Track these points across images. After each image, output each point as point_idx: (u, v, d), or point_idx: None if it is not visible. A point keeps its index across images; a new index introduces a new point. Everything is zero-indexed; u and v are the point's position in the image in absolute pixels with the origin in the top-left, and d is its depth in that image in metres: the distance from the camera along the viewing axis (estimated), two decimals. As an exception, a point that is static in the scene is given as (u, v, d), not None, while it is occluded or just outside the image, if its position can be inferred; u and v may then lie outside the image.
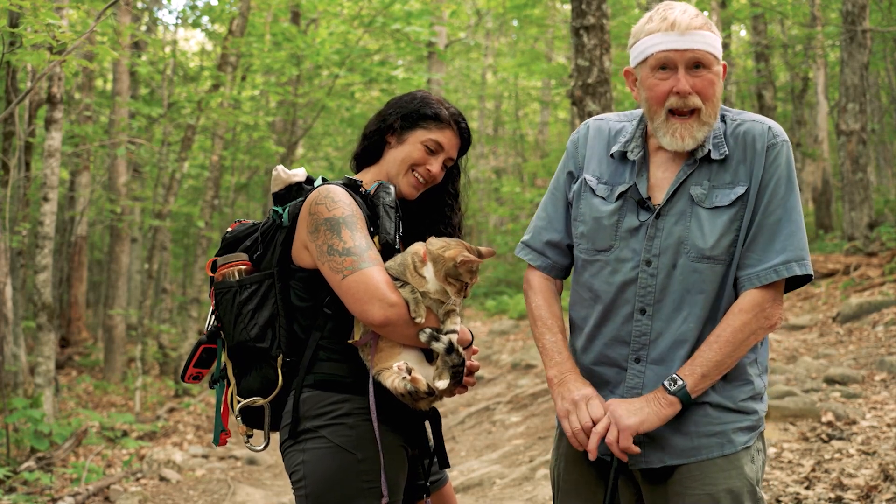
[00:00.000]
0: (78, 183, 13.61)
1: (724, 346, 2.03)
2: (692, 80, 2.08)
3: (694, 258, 2.08)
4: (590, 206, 2.22)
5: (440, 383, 2.14)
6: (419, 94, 2.45)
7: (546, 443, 6.48)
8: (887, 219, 12.42)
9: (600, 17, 6.57)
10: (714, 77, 2.09)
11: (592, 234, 2.20)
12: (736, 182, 2.09)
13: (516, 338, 12.82)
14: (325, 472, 2.17)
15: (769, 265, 2.05)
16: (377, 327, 2.15)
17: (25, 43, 5.10)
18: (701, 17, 2.10)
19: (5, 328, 8.32)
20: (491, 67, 23.91)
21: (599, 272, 2.19)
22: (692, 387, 2.02)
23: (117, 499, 6.00)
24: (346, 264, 2.13)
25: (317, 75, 13.91)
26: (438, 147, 2.38)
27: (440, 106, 2.41)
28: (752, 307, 2.04)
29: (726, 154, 2.11)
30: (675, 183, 2.12)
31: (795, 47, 16.40)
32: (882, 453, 4.65)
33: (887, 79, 16.96)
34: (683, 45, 2.07)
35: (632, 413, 2.03)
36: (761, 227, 2.07)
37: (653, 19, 2.12)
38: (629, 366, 2.13)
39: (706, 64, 2.09)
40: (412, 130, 2.38)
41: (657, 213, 2.12)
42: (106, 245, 17.52)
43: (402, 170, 2.37)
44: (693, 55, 2.08)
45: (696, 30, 2.08)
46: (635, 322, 2.12)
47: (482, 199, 23.82)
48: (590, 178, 2.25)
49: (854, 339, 7.71)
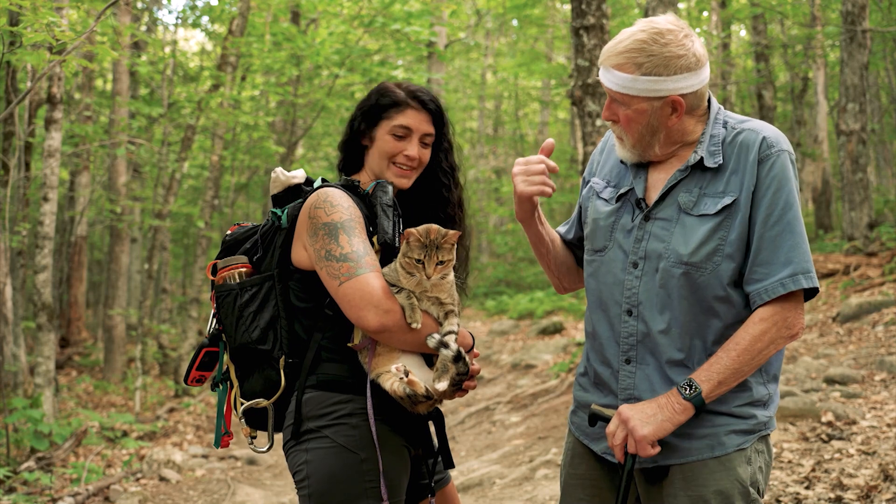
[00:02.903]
0: (78, 183, 13.61)
1: (743, 354, 2.02)
2: (616, 108, 2.11)
3: (673, 263, 2.08)
4: (594, 207, 2.26)
5: (439, 385, 2.14)
6: (376, 88, 2.43)
7: (546, 443, 6.48)
8: (887, 219, 12.43)
9: (600, 17, 6.57)
10: (631, 114, 2.08)
11: (592, 235, 2.25)
12: (726, 192, 2.07)
13: (516, 338, 12.82)
14: (328, 472, 2.17)
15: (776, 279, 2.03)
16: (373, 333, 2.15)
17: (25, 42, 5.09)
18: (628, 51, 2.05)
19: (5, 328, 8.32)
20: (491, 67, 23.92)
21: (596, 272, 2.22)
22: (707, 393, 2.02)
23: (117, 499, 6.01)
24: (343, 270, 2.13)
25: (317, 75, 13.90)
26: (406, 130, 2.36)
27: (395, 90, 2.39)
28: (771, 316, 2.03)
29: (720, 163, 2.09)
30: (664, 188, 2.13)
31: (795, 47, 16.40)
32: (882, 453, 4.65)
33: (887, 79, 16.96)
34: (602, 78, 2.12)
35: (645, 423, 2.03)
36: (763, 240, 2.05)
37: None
38: (620, 366, 2.15)
39: (619, 101, 2.09)
40: (377, 125, 2.37)
41: (646, 216, 2.13)
42: (106, 245, 17.51)
43: (383, 165, 2.37)
44: (608, 90, 2.12)
45: (613, 67, 2.07)
46: (623, 323, 2.14)
47: (482, 199, 23.83)
48: (596, 182, 2.29)
49: (854, 339, 7.71)
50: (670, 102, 2.06)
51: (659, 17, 2.11)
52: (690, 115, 2.12)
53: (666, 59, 2.03)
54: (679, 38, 2.04)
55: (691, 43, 2.05)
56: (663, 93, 2.04)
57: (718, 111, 2.16)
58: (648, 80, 2.03)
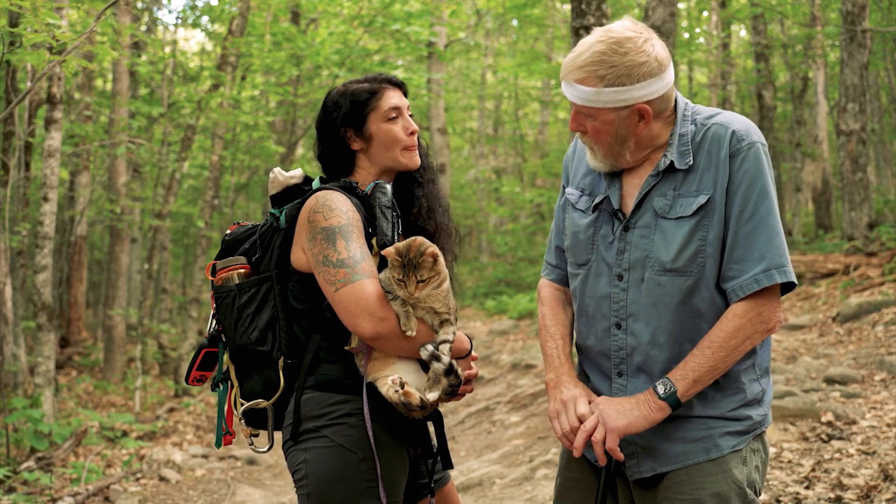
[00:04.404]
0: (78, 183, 13.61)
1: (718, 351, 2.00)
2: (583, 120, 2.08)
3: (657, 272, 2.05)
4: (571, 220, 2.23)
5: (430, 395, 2.15)
6: (337, 96, 2.39)
7: (546, 443, 6.48)
8: (887, 219, 12.43)
9: (600, 18, 6.57)
10: (599, 125, 2.05)
11: (573, 248, 2.21)
12: (700, 190, 2.04)
13: (516, 338, 12.82)
14: (326, 471, 2.18)
15: (750, 275, 2.01)
16: (368, 340, 2.16)
17: (25, 43, 5.10)
18: (588, 65, 2.01)
19: (5, 328, 8.32)
20: (491, 67, 23.92)
21: (581, 285, 2.19)
22: (683, 392, 2.00)
23: (117, 499, 6.01)
24: (340, 276, 2.13)
25: (317, 75, 13.90)
26: (397, 110, 2.35)
27: (358, 84, 2.38)
28: (745, 312, 2.01)
29: (691, 163, 2.06)
30: (638, 196, 2.10)
31: (795, 47, 16.40)
32: (882, 453, 4.65)
33: (887, 79, 16.96)
34: (565, 92, 2.08)
35: (620, 414, 2.01)
36: (737, 237, 2.02)
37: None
38: (613, 379, 2.13)
39: (585, 113, 2.07)
40: (366, 121, 2.35)
41: (625, 226, 2.11)
42: (106, 245, 17.52)
43: (395, 154, 2.35)
44: (573, 105, 2.09)
45: (575, 82, 2.04)
46: (612, 336, 2.12)
47: (482, 199, 23.83)
48: (570, 192, 2.25)
49: (854, 339, 7.71)
50: (636, 111, 2.03)
51: (615, 24, 2.07)
52: (658, 118, 2.08)
53: (628, 67, 1.99)
54: (639, 45, 2.00)
55: (652, 48, 2.01)
56: (629, 101, 2.01)
57: (685, 108, 2.12)
58: (613, 91, 2.00)
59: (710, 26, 18.61)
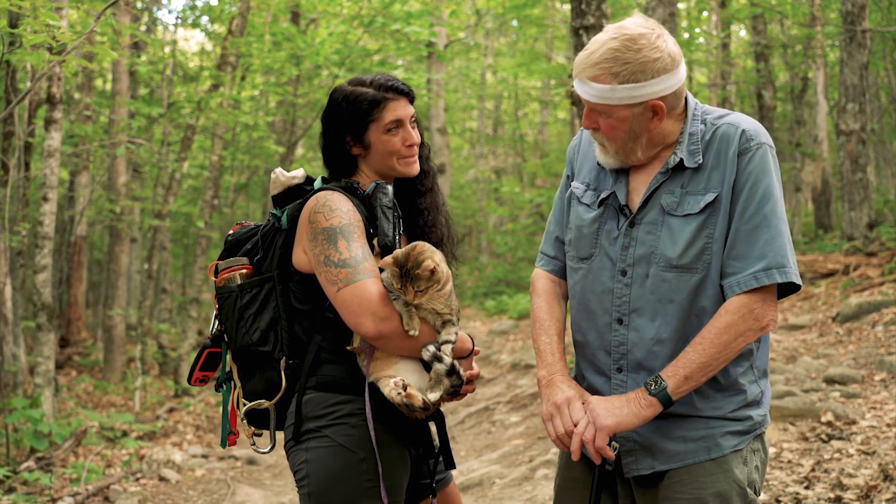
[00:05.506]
0: (77, 183, 13.61)
1: (709, 348, 1.98)
2: (596, 117, 2.08)
3: (663, 268, 2.05)
4: (576, 214, 2.22)
5: (431, 396, 2.16)
6: (341, 97, 2.34)
7: (546, 443, 6.48)
8: (887, 219, 12.44)
9: (600, 17, 6.57)
10: (613, 122, 2.05)
11: (576, 242, 2.21)
12: (708, 188, 2.05)
13: (516, 338, 12.81)
14: (327, 471, 2.18)
15: (749, 272, 2.00)
16: (371, 340, 2.16)
17: (25, 43, 5.10)
18: (602, 62, 2.01)
19: (5, 328, 8.32)
20: (490, 67, 23.91)
21: (583, 280, 2.18)
22: (673, 388, 1.99)
23: (117, 499, 6.01)
24: (342, 276, 2.13)
25: (316, 75, 13.90)
26: (398, 123, 2.33)
27: (363, 90, 2.32)
28: (738, 308, 2.00)
29: (700, 162, 2.07)
30: (646, 192, 2.10)
31: (795, 47, 16.41)
32: (882, 453, 4.66)
33: (887, 79, 16.97)
34: (579, 90, 2.07)
35: (610, 413, 2.01)
36: (739, 233, 2.02)
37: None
38: (612, 375, 2.13)
39: (598, 110, 2.06)
40: (367, 131, 2.33)
41: (631, 222, 2.11)
42: (106, 245, 17.51)
43: (391, 162, 2.35)
44: (586, 102, 2.08)
45: (588, 79, 2.04)
46: (613, 332, 2.11)
47: (482, 199, 23.83)
48: (576, 186, 2.25)
49: (854, 339, 7.71)
50: (650, 107, 2.03)
51: (627, 21, 2.07)
52: (669, 115, 2.09)
53: (642, 64, 2.00)
54: (652, 41, 2.01)
55: (664, 43, 2.02)
56: (643, 98, 2.01)
57: (696, 107, 2.13)
58: (627, 88, 2.00)
59: (710, 26, 18.61)
